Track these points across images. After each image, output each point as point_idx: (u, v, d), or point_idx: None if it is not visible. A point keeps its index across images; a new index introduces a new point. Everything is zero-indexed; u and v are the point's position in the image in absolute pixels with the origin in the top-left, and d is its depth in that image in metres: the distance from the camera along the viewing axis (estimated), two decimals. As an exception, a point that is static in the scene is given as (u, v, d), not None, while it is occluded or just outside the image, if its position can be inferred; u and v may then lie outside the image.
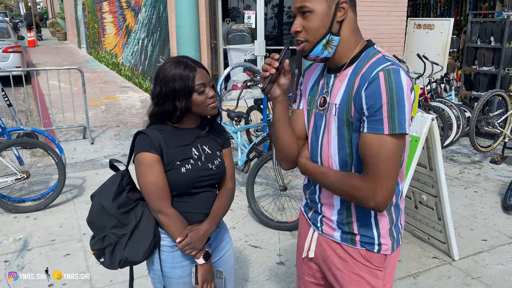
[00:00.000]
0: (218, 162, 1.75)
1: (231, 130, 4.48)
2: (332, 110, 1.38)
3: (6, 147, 4.06)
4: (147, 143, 1.61)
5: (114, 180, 1.72)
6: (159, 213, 1.62)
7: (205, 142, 1.75)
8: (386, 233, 1.43)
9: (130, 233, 1.67)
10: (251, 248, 3.40)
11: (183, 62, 1.63)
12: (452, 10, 10.35)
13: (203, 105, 1.64)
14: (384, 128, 1.23)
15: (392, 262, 1.49)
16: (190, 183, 1.66)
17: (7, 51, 10.55)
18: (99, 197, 1.69)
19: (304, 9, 1.31)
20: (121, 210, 1.67)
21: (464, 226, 3.79)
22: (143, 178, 1.61)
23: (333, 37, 1.33)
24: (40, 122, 6.75)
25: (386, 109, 1.23)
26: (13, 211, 3.95)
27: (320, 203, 1.51)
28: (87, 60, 16.19)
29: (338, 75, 1.38)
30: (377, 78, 1.24)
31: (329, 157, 1.41)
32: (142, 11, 9.56)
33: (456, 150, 5.97)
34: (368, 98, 1.25)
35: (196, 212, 1.70)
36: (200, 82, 1.61)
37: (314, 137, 1.46)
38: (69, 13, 22.80)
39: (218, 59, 7.57)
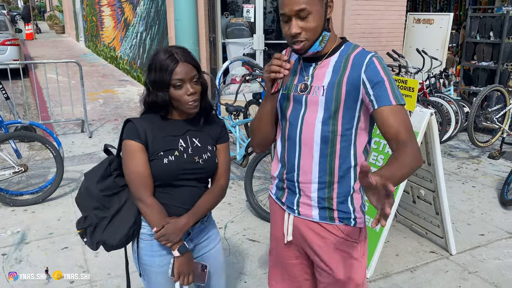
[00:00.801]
0: (207, 157, 1.71)
1: (229, 124, 4.47)
2: (318, 91, 1.48)
3: (3, 140, 4.04)
4: (133, 131, 1.62)
5: (102, 164, 1.75)
6: (139, 201, 1.63)
7: (196, 135, 1.72)
8: (359, 208, 1.58)
9: (111, 216, 1.69)
10: (249, 242, 3.40)
11: (170, 53, 1.58)
12: (451, 5, 10.33)
13: (181, 102, 1.60)
14: (391, 100, 1.41)
15: (365, 234, 1.64)
16: (172, 175, 1.64)
17: (5, 44, 10.49)
18: (85, 178, 1.75)
19: (303, 12, 1.38)
20: (103, 193, 1.69)
21: (461, 220, 3.80)
22: (126, 165, 1.63)
23: (326, 33, 1.46)
24: (38, 115, 6.74)
25: (389, 84, 1.42)
26: (11, 205, 3.95)
27: (298, 182, 1.58)
28: (85, 53, 16.12)
29: (319, 63, 1.51)
30: (372, 61, 1.43)
31: (311, 134, 1.51)
32: (140, 4, 9.51)
33: (454, 145, 5.98)
34: (370, 78, 1.42)
35: (178, 206, 1.69)
36: (178, 77, 1.56)
37: (294, 117, 1.54)
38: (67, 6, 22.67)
39: (216, 53, 7.54)
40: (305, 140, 1.52)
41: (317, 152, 1.51)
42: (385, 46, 6.94)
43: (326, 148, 1.50)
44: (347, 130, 1.48)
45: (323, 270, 1.61)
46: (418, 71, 5.99)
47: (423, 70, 6.08)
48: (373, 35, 7.00)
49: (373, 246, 2.90)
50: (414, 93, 2.91)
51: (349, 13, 6.71)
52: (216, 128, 1.78)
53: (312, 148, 1.51)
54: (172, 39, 7.60)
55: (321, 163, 1.52)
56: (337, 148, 1.49)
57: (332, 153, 1.50)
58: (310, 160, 1.53)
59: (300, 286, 1.77)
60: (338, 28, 6.78)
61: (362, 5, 6.76)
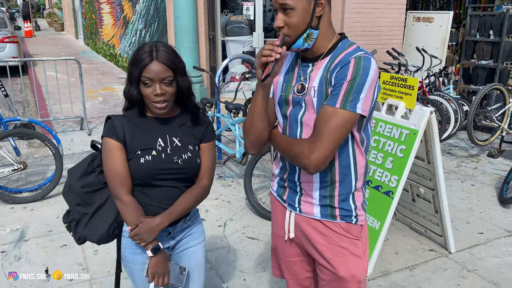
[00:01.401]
0: (187, 157, 1.66)
1: (229, 122, 4.47)
2: (311, 93, 1.47)
3: (2, 137, 4.04)
4: (111, 129, 1.61)
5: (85, 160, 1.76)
6: (117, 199, 1.63)
7: (176, 134, 1.68)
8: (360, 206, 1.59)
9: (92, 213, 1.71)
10: (249, 240, 3.40)
11: (150, 49, 1.54)
12: (451, 4, 10.32)
13: (148, 100, 1.57)
14: (337, 102, 1.37)
15: (365, 232, 1.65)
16: (149, 175, 1.62)
17: (4, 41, 10.46)
18: (68, 174, 1.75)
19: (285, 6, 1.39)
20: (84, 190, 1.70)
21: (460, 219, 3.80)
22: (105, 162, 1.63)
23: (313, 31, 1.44)
24: (37, 113, 6.73)
25: (345, 88, 1.37)
26: (10, 202, 3.94)
27: (299, 181, 1.59)
28: (84, 51, 16.09)
29: (316, 63, 1.49)
30: (349, 62, 1.39)
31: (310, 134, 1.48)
32: (140, 2, 9.49)
33: (453, 143, 5.98)
34: (336, 78, 1.40)
35: (155, 205, 1.66)
36: (147, 75, 1.53)
37: (293, 119, 1.54)
38: (66, 3, 22.60)
39: (216, 50, 7.53)
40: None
41: None
42: (385, 44, 6.93)
43: None
44: None
45: (325, 267, 1.61)
46: (417, 69, 5.99)
47: (423, 68, 6.08)
48: (373, 33, 6.99)
49: (372, 244, 2.90)
50: (414, 91, 2.91)
51: (348, 11, 6.70)
52: (200, 127, 1.73)
53: None
54: (171, 36, 7.59)
55: None
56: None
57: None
58: None
59: (301, 283, 1.78)
60: (337, 26, 6.78)
61: (361, 3, 6.75)
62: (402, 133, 2.91)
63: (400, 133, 2.93)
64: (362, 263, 1.62)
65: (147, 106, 1.62)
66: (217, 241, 3.38)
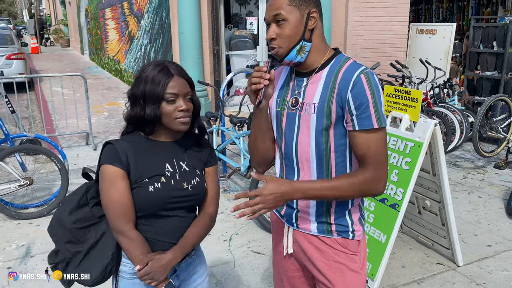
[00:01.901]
0: (196, 182, 1.56)
1: (233, 136, 4.48)
2: (309, 109, 1.47)
3: (9, 153, 4.07)
4: (113, 155, 1.46)
5: (78, 191, 1.59)
6: (120, 234, 1.46)
7: (183, 158, 1.56)
8: (357, 221, 1.58)
9: (86, 251, 1.52)
10: (254, 254, 3.38)
11: (163, 66, 1.48)
12: (454, 15, 10.37)
13: (171, 117, 1.47)
14: (373, 123, 1.40)
15: (363, 246, 1.63)
16: (159, 204, 1.48)
17: (11, 58, 10.62)
18: (58, 207, 1.58)
19: (278, 17, 1.41)
20: (77, 225, 1.52)
21: (468, 231, 3.76)
22: (105, 193, 1.46)
23: (306, 43, 1.45)
24: (43, 128, 6.78)
25: (372, 107, 1.39)
26: (16, 218, 3.95)
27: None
28: (90, 66, 16.27)
29: (310, 77, 1.49)
30: (360, 80, 1.39)
31: (306, 153, 1.50)
32: (144, 18, 9.61)
33: (459, 155, 5.95)
34: (355, 98, 1.39)
35: (162, 240, 1.52)
36: (172, 91, 1.45)
37: (289, 135, 1.54)
38: (72, 19, 22.95)
39: (220, 65, 7.58)
40: (301, 158, 1.52)
41: (314, 169, 1.51)
42: (389, 57, 6.95)
43: (322, 165, 1.50)
44: (339, 146, 1.48)
45: (323, 283, 1.60)
46: (421, 81, 5.99)
47: (427, 80, 6.08)
48: (377, 46, 7.03)
49: (379, 258, 2.87)
50: (417, 103, 2.91)
51: (351, 24, 6.74)
52: (205, 150, 1.65)
53: (309, 166, 1.52)
54: (176, 51, 7.66)
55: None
56: (332, 165, 1.50)
57: (328, 169, 1.50)
58: (309, 178, 1.53)
59: None
60: (341, 39, 6.82)
61: (364, 16, 6.80)
62: (407, 146, 2.91)
63: (405, 145, 2.92)
64: (360, 278, 1.60)
65: (166, 125, 1.50)
66: (223, 255, 3.36)
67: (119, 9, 12.03)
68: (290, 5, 1.41)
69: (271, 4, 1.44)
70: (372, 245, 2.94)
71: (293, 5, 1.41)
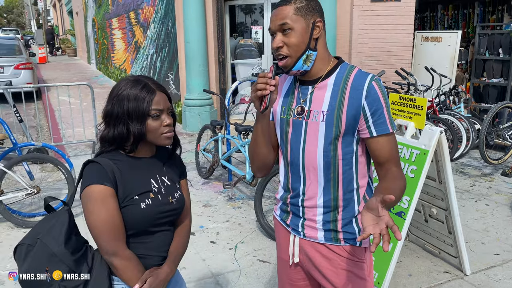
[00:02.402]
0: (178, 195, 1.57)
1: (239, 144, 4.49)
2: (318, 117, 1.49)
3: (17, 162, 4.11)
4: (100, 173, 1.40)
5: (60, 219, 1.44)
6: (114, 256, 1.41)
7: (164, 173, 1.56)
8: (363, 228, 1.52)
9: (83, 283, 1.42)
10: (260, 262, 3.37)
11: (142, 82, 1.46)
12: (459, 23, 10.37)
13: (156, 133, 1.46)
14: (389, 128, 1.47)
15: (370, 254, 1.64)
16: (150, 220, 1.47)
17: (19, 67, 10.74)
18: (45, 241, 1.40)
19: (284, 26, 1.44)
20: (75, 256, 1.41)
21: (475, 240, 3.73)
22: (95, 215, 1.38)
23: (312, 52, 1.47)
24: (50, 137, 6.83)
25: (386, 112, 1.46)
26: (23, 226, 3.97)
27: (302, 206, 1.59)
28: (96, 75, 16.41)
29: (316, 85, 1.51)
30: (373, 87, 1.44)
31: (313, 161, 1.52)
32: (151, 27, 9.70)
33: (466, 162, 5.91)
34: (370, 105, 1.44)
35: (154, 254, 1.51)
36: (157, 107, 1.44)
37: (295, 142, 1.55)
38: (79, 29, 23.21)
39: (226, 73, 7.63)
40: (308, 166, 1.53)
41: (321, 177, 1.52)
42: (394, 64, 6.96)
43: (329, 173, 1.51)
44: (347, 154, 1.49)
45: None
46: (427, 88, 5.99)
47: (432, 87, 6.07)
48: (382, 53, 7.04)
49: (385, 266, 2.86)
50: (423, 111, 2.91)
51: (356, 32, 6.77)
52: (178, 162, 1.65)
53: (316, 174, 1.52)
54: (182, 61, 7.72)
55: (326, 188, 1.53)
56: (339, 172, 1.51)
57: (336, 177, 1.51)
58: (315, 186, 1.54)
59: None
60: (346, 47, 6.84)
61: (369, 24, 6.82)
62: (413, 153, 2.90)
63: (411, 153, 2.92)
64: (368, 285, 1.61)
65: (151, 141, 1.49)
66: (228, 264, 3.36)
67: (125, 19, 12.16)
68: (296, 14, 1.43)
69: (276, 13, 1.46)
70: (378, 254, 2.92)
71: (299, 15, 1.43)
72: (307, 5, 1.44)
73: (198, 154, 5.36)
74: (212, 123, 4.98)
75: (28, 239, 1.43)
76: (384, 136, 1.47)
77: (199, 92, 7.18)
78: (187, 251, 2.14)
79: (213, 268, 3.29)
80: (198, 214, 4.26)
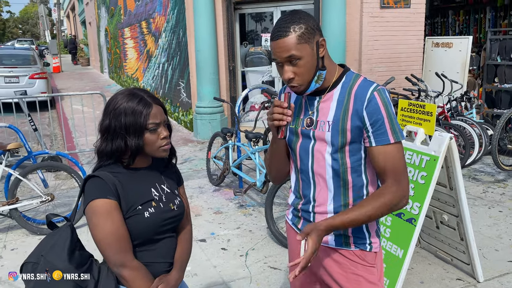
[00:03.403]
0: (178, 202, 1.60)
1: (249, 151, 4.52)
2: (324, 127, 1.51)
3: (32, 170, 4.18)
4: (103, 188, 1.42)
5: (62, 235, 1.46)
6: (122, 267, 1.42)
7: (162, 181, 1.60)
8: (374, 233, 1.61)
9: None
10: (270, 269, 3.38)
11: (138, 96, 1.47)
12: (471, 28, 10.31)
13: (154, 146, 1.48)
14: (390, 139, 1.45)
15: (380, 259, 1.65)
16: (155, 228, 1.50)
17: (34, 77, 10.95)
18: (49, 258, 1.41)
19: (292, 58, 1.42)
20: (80, 271, 1.42)
21: (488, 246, 3.69)
22: (101, 229, 1.40)
23: (321, 72, 1.48)
24: (64, 145, 6.94)
25: (388, 122, 1.44)
26: (37, 233, 4.04)
27: (313, 212, 1.61)
28: (109, 84, 16.62)
29: (323, 96, 1.53)
30: (374, 97, 1.44)
31: (322, 169, 1.54)
32: (162, 36, 9.82)
33: (479, 168, 5.85)
34: (370, 115, 1.44)
35: (161, 261, 1.54)
36: (154, 121, 1.46)
37: (304, 151, 1.57)
38: (92, 39, 23.56)
39: (236, 81, 7.69)
40: (318, 174, 1.55)
41: (331, 185, 1.55)
42: (404, 70, 6.95)
43: (338, 180, 1.53)
44: (355, 162, 1.51)
45: None
46: (438, 94, 5.96)
47: (443, 93, 6.04)
48: (392, 60, 7.03)
49: (396, 273, 2.84)
50: (432, 117, 2.91)
51: (366, 39, 6.77)
52: (174, 170, 1.68)
53: (326, 181, 1.55)
54: (193, 69, 7.80)
55: (336, 195, 1.55)
56: (349, 180, 1.53)
57: (345, 184, 1.54)
58: (325, 192, 1.56)
59: None
60: (355, 54, 6.85)
61: (379, 31, 6.83)
62: (423, 160, 2.90)
63: (421, 159, 2.91)
64: None
65: (149, 153, 1.51)
66: (239, 271, 3.37)
67: (137, 28, 12.33)
68: (300, 43, 1.40)
69: (279, 46, 1.41)
70: (389, 260, 2.91)
71: (303, 42, 1.40)
72: (307, 28, 1.41)
73: (209, 162, 5.40)
74: (222, 130, 5.02)
75: (33, 257, 1.45)
76: (382, 147, 1.45)
77: (210, 100, 7.24)
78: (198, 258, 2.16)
79: (224, 275, 3.30)
80: (209, 221, 4.28)
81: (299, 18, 1.42)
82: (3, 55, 12.20)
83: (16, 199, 3.97)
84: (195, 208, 4.60)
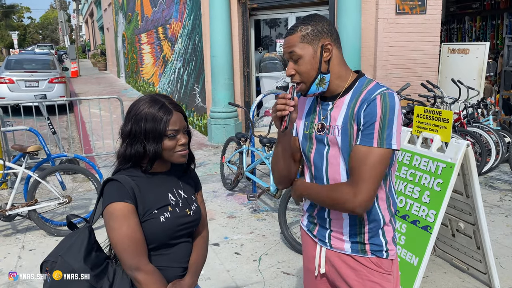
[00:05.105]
0: (195, 207, 1.62)
1: (263, 156, 4.54)
2: (335, 131, 1.52)
3: (50, 172, 4.26)
4: (120, 191, 1.45)
5: (80, 236, 1.50)
6: (137, 270, 1.43)
7: (179, 186, 1.61)
8: (391, 240, 1.60)
9: None
10: (284, 275, 3.38)
11: (159, 102, 1.49)
12: (487, 34, 10.19)
13: (171, 152, 1.50)
14: (373, 142, 1.42)
15: (396, 266, 1.64)
16: (170, 233, 1.51)
17: (53, 81, 11.17)
18: (66, 258, 1.44)
19: (293, 55, 1.48)
20: (95, 272, 1.44)
21: (506, 256, 3.63)
22: (117, 232, 1.43)
23: (324, 75, 1.50)
24: (81, 148, 7.05)
25: (378, 126, 1.41)
26: (55, 235, 4.11)
27: (329, 218, 1.61)
28: (125, 89, 16.83)
29: (335, 102, 1.54)
30: (374, 100, 1.43)
31: (336, 173, 1.54)
32: (178, 42, 9.93)
33: (496, 176, 5.77)
34: (365, 117, 1.43)
35: (175, 266, 1.55)
36: (174, 127, 1.48)
37: (318, 157, 1.58)
38: (110, 44, 23.92)
39: (250, 86, 7.73)
40: (333, 179, 1.56)
41: None
42: (420, 76, 6.91)
43: None
44: None
45: None
46: (454, 101, 5.91)
47: (460, 100, 5.98)
48: (407, 66, 7.00)
49: (411, 281, 2.82)
50: (448, 124, 2.89)
51: (381, 45, 6.76)
52: (193, 175, 1.70)
53: None
54: (208, 74, 7.87)
55: None
56: None
57: None
58: None
59: None
60: (370, 59, 6.83)
61: (394, 37, 6.81)
62: (439, 167, 2.88)
63: (437, 166, 2.89)
64: None
65: (167, 159, 1.53)
66: (252, 275, 3.38)
67: (154, 34, 12.49)
68: (302, 42, 1.46)
69: (285, 42, 1.51)
70: (404, 268, 2.89)
71: (305, 42, 1.46)
72: (313, 31, 1.46)
73: (223, 166, 5.43)
74: (237, 135, 5.06)
75: (52, 257, 1.49)
76: (362, 147, 1.43)
77: (225, 105, 7.30)
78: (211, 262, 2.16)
79: (237, 279, 3.32)
80: (223, 225, 4.31)
81: (310, 20, 1.49)
82: (24, 60, 12.50)
83: (35, 201, 4.05)
84: (209, 212, 4.63)
